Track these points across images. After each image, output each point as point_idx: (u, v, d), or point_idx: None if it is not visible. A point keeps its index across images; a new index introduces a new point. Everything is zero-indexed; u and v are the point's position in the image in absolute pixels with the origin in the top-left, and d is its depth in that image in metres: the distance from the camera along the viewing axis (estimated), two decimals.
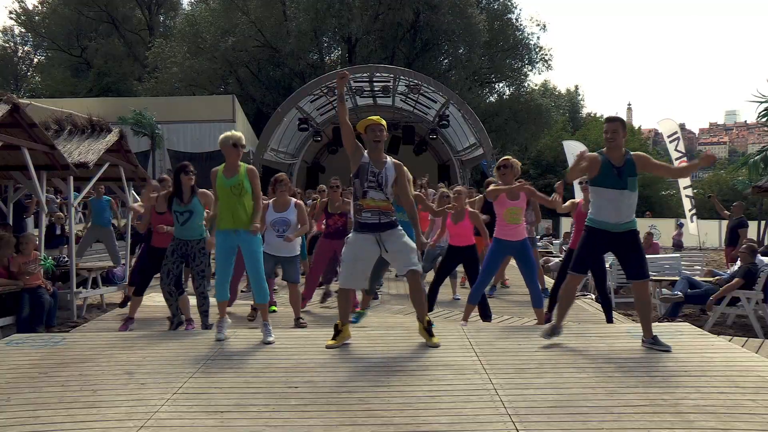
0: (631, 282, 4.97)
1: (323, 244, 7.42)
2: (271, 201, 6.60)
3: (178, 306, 6.11)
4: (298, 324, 6.43)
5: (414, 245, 4.93)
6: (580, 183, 7.03)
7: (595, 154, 4.80)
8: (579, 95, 52.51)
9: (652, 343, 4.78)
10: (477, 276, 6.27)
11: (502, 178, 6.03)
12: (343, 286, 4.99)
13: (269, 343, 5.02)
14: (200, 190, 6.02)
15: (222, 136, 5.35)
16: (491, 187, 6.11)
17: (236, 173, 5.29)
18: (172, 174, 6.30)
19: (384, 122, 4.91)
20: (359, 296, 7.01)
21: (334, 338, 4.91)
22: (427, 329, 4.90)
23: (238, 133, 5.34)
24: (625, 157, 4.72)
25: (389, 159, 4.92)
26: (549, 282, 8.82)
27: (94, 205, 10.58)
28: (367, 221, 4.82)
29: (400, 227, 4.92)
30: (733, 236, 11.05)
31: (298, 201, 6.69)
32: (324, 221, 7.62)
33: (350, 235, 5.09)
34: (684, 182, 17.04)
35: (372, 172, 4.79)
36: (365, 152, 4.86)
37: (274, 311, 7.21)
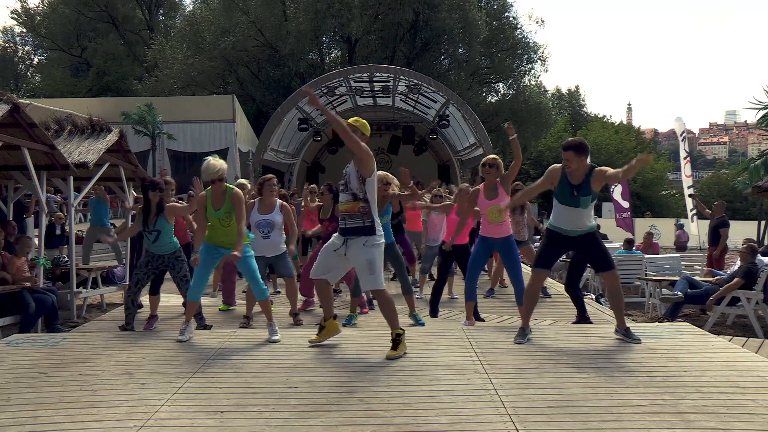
0: (600, 275, 5.22)
1: (319, 249, 7.43)
2: (256, 201, 6.50)
3: (134, 316, 6.06)
4: (295, 319, 6.44)
5: (374, 265, 4.61)
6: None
7: (557, 166, 5.01)
8: (580, 95, 52.51)
9: (624, 334, 4.93)
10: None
11: (486, 176, 6.09)
12: (312, 276, 4.96)
13: (275, 341, 5.05)
14: (167, 205, 5.99)
15: (204, 166, 5.24)
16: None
17: (222, 203, 5.29)
18: (142, 190, 6.26)
19: (356, 123, 4.77)
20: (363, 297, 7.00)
21: (317, 334, 4.92)
22: (394, 339, 4.60)
23: (216, 164, 5.26)
24: (585, 175, 4.85)
25: None
26: (547, 283, 8.81)
27: (94, 205, 10.59)
28: (339, 225, 4.79)
29: (369, 238, 4.61)
30: (715, 236, 10.82)
31: (284, 204, 6.62)
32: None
33: None
34: (687, 182, 17.12)
35: (342, 173, 4.78)
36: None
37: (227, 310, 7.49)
